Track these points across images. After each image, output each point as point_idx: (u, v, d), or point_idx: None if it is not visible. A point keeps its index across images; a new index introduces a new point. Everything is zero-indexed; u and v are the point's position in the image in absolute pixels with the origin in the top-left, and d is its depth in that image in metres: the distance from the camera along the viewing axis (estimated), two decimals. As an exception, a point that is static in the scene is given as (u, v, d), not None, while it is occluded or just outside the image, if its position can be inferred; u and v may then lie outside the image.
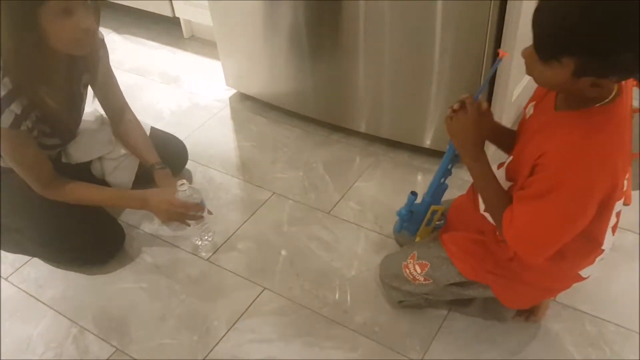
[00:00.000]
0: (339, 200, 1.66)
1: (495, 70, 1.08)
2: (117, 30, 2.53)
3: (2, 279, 1.48)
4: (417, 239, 1.32)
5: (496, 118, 1.17)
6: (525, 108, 1.09)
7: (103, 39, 1.43)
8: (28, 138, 1.29)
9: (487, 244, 1.14)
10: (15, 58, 1.19)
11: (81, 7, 1.17)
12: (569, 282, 1.16)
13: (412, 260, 1.23)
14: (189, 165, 1.80)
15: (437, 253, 1.20)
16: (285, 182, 1.73)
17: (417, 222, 1.28)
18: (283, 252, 1.51)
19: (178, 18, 2.36)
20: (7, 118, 1.22)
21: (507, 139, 1.13)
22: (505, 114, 1.67)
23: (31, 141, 1.31)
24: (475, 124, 1.05)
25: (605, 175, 0.90)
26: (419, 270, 1.21)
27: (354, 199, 1.66)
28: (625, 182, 0.97)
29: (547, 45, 0.84)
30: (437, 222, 1.30)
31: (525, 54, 0.89)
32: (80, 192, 1.42)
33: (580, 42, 0.79)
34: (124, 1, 2.42)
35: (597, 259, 1.10)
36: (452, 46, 1.48)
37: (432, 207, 1.25)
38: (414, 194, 1.24)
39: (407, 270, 1.23)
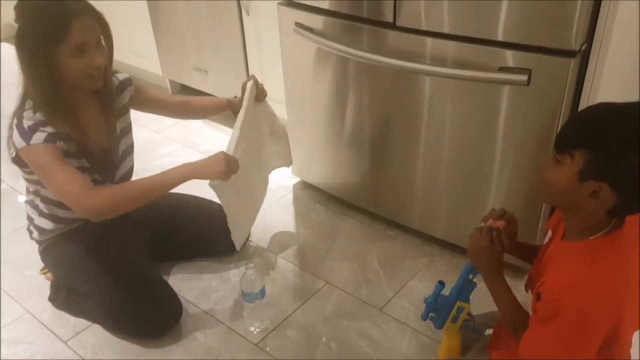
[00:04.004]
0: (392, 298, 1.66)
1: None
2: (198, 114, 2.75)
3: (61, 342, 1.55)
4: (445, 337, 1.32)
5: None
6: (551, 224, 1.14)
7: (130, 79, 1.60)
8: (62, 154, 1.36)
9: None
10: (39, 93, 1.33)
11: (93, 46, 1.34)
12: None
13: (459, 378, 1.21)
14: (249, 245, 1.87)
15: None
16: (339, 272, 1.76)
17: (443, 314, 1.28)
18: (332, 346, 1.51)
19: (254, 109, 2.54)
20: (40, 136, 1.33)
21: (527, 254, 1.22)
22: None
23: (64, 159, 1.36)
24: (485, 250, 1.13)
25: (605, 305, 0.92)
26: None
27: (407, 298, 1.65)
28: None
29: (567, 138, 0.95)
30: (463, 322, 1.29)
31: (543, 159, 0.99)
32: (125, 190, 1.42)
33: (595, 137, 0.90)
34: (208, 90, 2.64)
35: None
36: (513, 156, 1.52)
37: (459, 303, 1.25)
38: (441, 283, 1.26)
39: (455, 389, 1.21)
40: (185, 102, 1.78)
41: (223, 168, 1.41)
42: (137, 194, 1.40)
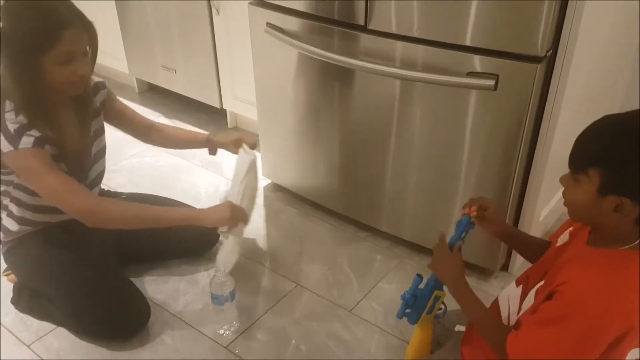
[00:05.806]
0: (361, 300, 1.67)
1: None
2: (166, 114, 2.71)
3: (24, 346, 1.51)
4: (417, 329, 1.33)
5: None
6: (557, 236, 1.14)
7: (104, 83, 1.59)
8: (50, 159, 1.34)
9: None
10: (20, 96, 1.31)
11: (80, 56, 1.33)
12: None
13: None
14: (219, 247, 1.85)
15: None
16: (310, 275, 1.76)
17: (419, 308, 1.28)
18: (301, 347, 1.51)
19: (224, 110, 2.52)
20: (28, 140, 1.31)
21: (517, 244, 1.29)
22: (532, 233, 1.69)
23: (53, 164, 1.35)
24: (447, 261, 1.17)
25: (619, 316, 0.91)
26: None
27: (376, 300, 1.66)
28: None
29: (579, 157, 0.96)
30: (438, 311, 1.31)
31: (562, 179, 1.00)
32: (127, 208, 1.48)
33: (605, 153, 0.91)
34: (177, 89, 2.61)
35: None
36: (480, 160, 1.55)
37: (435, 293, 1.27)
38: (419, 276, 1.26)
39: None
40: (157, 129, 1.75)
41: (227, 214, 1.47)
42: (135, 216, 1.44)
